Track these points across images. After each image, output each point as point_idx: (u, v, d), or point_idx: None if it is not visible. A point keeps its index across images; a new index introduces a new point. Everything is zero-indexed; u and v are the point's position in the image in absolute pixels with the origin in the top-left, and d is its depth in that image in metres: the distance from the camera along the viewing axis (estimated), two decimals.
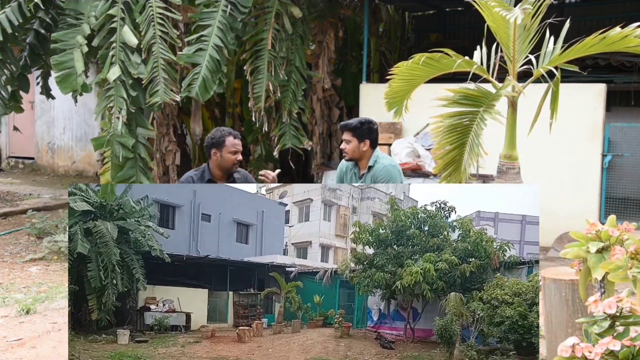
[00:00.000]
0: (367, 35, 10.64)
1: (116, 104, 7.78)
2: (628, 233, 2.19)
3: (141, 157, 8.23)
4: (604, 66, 9.12)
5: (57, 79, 7.99)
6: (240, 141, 4.36)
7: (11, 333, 5.40)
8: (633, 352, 1.78)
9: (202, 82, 7.96)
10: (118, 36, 7.86)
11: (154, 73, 7.84)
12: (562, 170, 8.62)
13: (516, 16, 4.12)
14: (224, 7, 8.20)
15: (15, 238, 9.24)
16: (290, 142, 9.71)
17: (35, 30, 8.86)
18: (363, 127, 4.42)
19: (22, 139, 15.17)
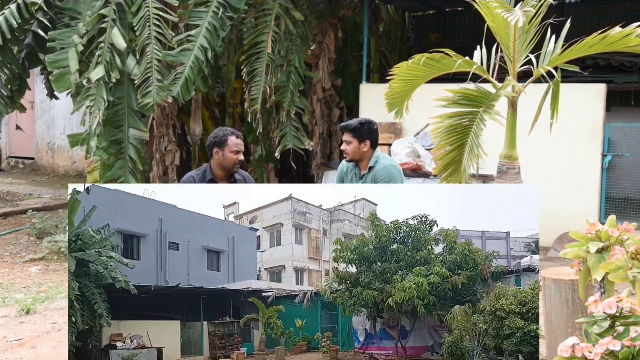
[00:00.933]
0: (367, 35, 10.64)
1: (95, 104, 7.76)
2: (628, 233, 2.19)
3: (131, 158, 8.22)
4: (604, 66, 9.11)
5: (52, 77, 8.00)
6: (243, 141, 4.36)
7: (11, 333, 5.40)
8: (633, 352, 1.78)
9: (185, 82, 7.92)
10: (107, 37, 7.84)
11: (147, 73, 7.83)
12: (562, 170, 8.62)
13: (517, 18, 4.12)
14: (215, 8, 8.16)
15: (15, 238, 9.24)
16: (291, 143, 9.71)
17: (34, 32, 8.87)
18: (363, 128, 4.41)
19: (22, 139, 15.17)
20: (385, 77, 5.26)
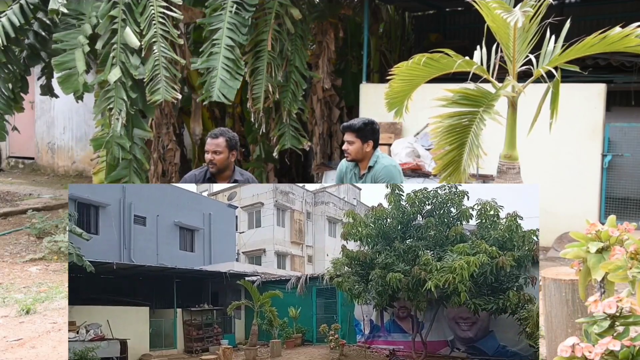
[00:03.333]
0: (367, 35, 10.64)
1: (116, 105, 7.79)
2: (628, 233, 2.19)
3: (136, 158, 8.24)
4: (604, 66, 9.11)
5: (58, 79, 8.00)
6: (220, 140, 4.37)
7: (11, 333, 5.40)
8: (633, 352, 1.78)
9: (222, 83, 7.98)
10: (119, 37, 7.88)
11: (155, 71, 7.85)
12: (562, 170, 8.62)
13: (516, 19, 4.12)
14: (230, 7, 8.24)
15: (15, 238, 9.24)
16: (289, 143, 9.72)
17: (35, 32, 8.87)
18: (367, 128, 4.41)
19: (22, 139, 15.17)
20: (385, 77, 5.26)
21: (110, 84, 7.80)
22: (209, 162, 4.37)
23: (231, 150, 4.41)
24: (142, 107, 8.21)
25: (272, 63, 9.02)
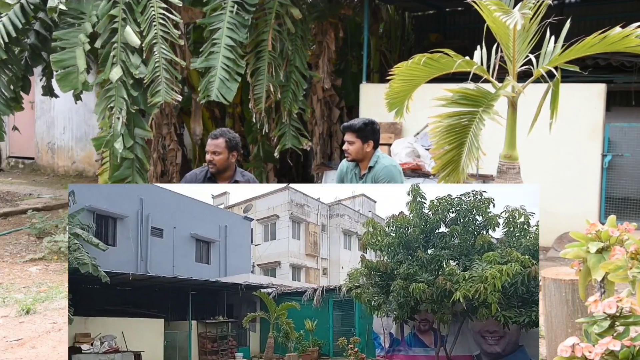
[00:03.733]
0: (367, 35, 10.64)
1: (117, 104, 7.80)
2: (628, 233, 2.19)
3: (138, 157, 8.24)
4: (604, 66, 9.11)
5: (57, 77, 8.01)
6: (220, 141, 4.36)
7: (11, 333, 5.40)
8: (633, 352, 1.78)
9: (221, 82, 7.98)
10: (119, 36, 7.88)
11: (155, 73, 7.85)
12: (562, 170, 8.62)
13: (515, 21, 4.12)
14: (230, 7, 8.24)
15: (15, 238, 9.24)
16: (290, 143, 9.72)
17: (36, 31, 8.87)
18: (367, 129, 4.40)
19: (22, 139, 15.17)
20: (385, 77, 5.26)
21: (110, 83, 7.81)
22: (209, 163, 4.37)
23: (231, 151, 4.38)
24: (143, 106, 8.22)
25: (273, 63, 9.03)
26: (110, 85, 7.85)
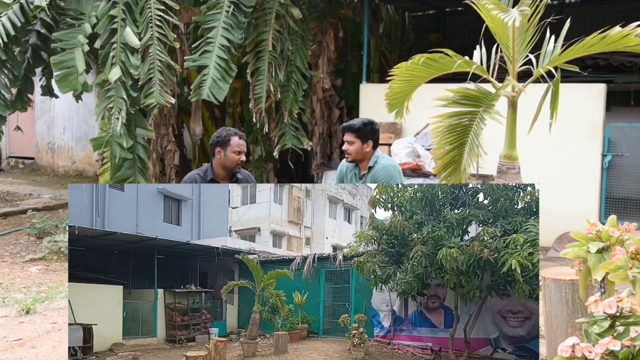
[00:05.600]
0: (367, 35, 10.64)
1: (116, 105, 7.79)
2: (628, 233, 2.19)
3: (140, 157, 8.24)
4: (604, 66, 9.11)
5: (56, 78, 8.01)
6: (245, 142, 4.37)
7: (11, 333, 5.40)
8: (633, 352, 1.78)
9: (213, 82, 7.97)
10: (119, 37, 7.88)
11: (150, 74, 7.86)
12: (562, 170, 8.62)
13: (514, 18, 4.12)
14: (227, 7, 8.24)
15: (15, 238, 9.24)
16: (290, 143, 9.71)
17: (37, 31, 8.87)
18: (366, 129, 4.40)
19: (22, 139, 15.18)
20: (385, 77, 5.26)
21: (110, 84, 7.81)
22: (241, 163, 4.30)
23: None
24: (143, 107, 8.22)
25: (273, 63, 9.03)
26: (110, 86, 7.85)
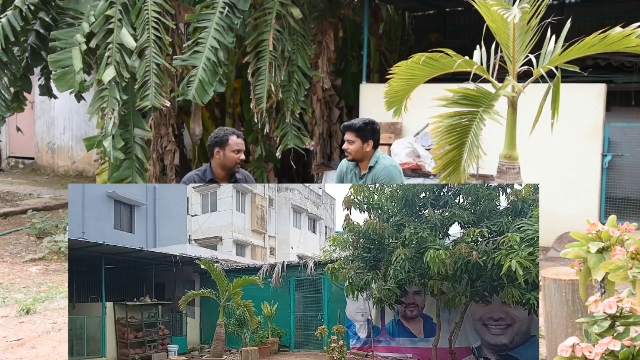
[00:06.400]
0: (367, 35, 10.64)
1: (109, 105, 7.78)
2: (628, 233, 2.19)
3: (137, 157, 8.23)
4: (604, 66, 9.11)
5: (54, 77, 8.02)
6: (244, 141, 4.37)
7: (11, 333, 5.40)
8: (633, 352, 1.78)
9: (199, 83, 7.96)
10: (115, 37, 7.88)
11: (145, 77, 7.86)
12: (562, 170, 8.62)
13: (514, 15, 4.13)
14: (221, 8, 8.22)
15: (15, 238, 9.24)
16: (292, 143, 9.71)
17: (37, 31, 8.88)
18: (367, 128, 4.42)
19: (22, 139, 15.18)
20: (385, 77, 5.26)
21: (104, 84, 7.80)
22: (240, 162, 4.30)
23: None
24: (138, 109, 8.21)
25: (274, 63, 9.02)
26: (104, 86, 7.84)
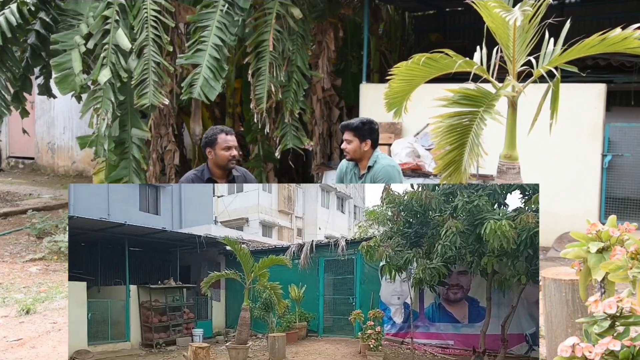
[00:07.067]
0: (367, 35, 10.64)
1: (103, 106, 7.78)
2: (628, 233, 2.19)
3: (135, 158, 8.23)
4: (604, 66, 9.11)
5: (56, 79, 8.02)
6: (235, 137, 4.37)
7: (11, 333, 5.40)
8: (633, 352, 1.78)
9: (205, 81, 7.97)
10: (111, 38, 7.87)
11: (144, 75, 7.86)
12: (562, 170, 8.62)
13: (515, 18, 4.12)
14: (221, 6, 8.24)
15: (15, 238, 9.24)
16: (291, 143, 9.72)
17: (37, 31, 8.88)
18: (365, 127, 4.43)
19: (22, 139, 15.17)
20: (385, 77, 5.26)
21: (99, 84, 7.80)
22: (232, 159, 4.29)
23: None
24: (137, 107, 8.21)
25: (274, 63, 9.03)
26: (99, 87, 7.84)
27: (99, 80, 7.68)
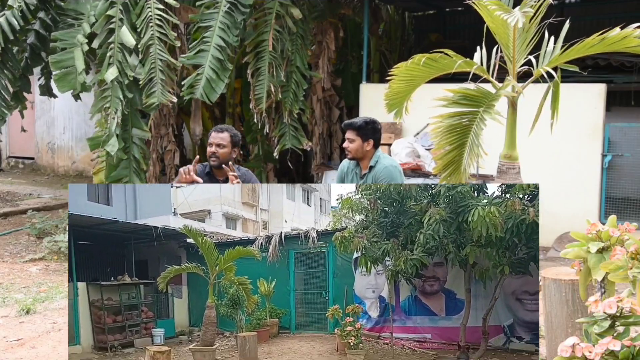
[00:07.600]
0: (367, 35, 10.64)
1: (112, 105, 7.78)
2: (628, 233, 2.19)
3: (135, 157, 8.23)
4: (604, 66, 9.11)
5: (55, 77, 8.02)
6: (226, 135, 4.44)
7: (11, 333, 5.40)
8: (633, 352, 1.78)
9: (207, 82, 7.98)
10: (116, 37, 7.89)
11: (151, 74, 7.86)
12: (562, 170, 8.62)
13: (516, 19, 4.12)
14: (224, 6, 8.24)
15: (15, 238, 9.24)
16: (290, 143, 9.72)
17: (36, 31, 8.88)
18: (368, 127, 4.43)
19: (22, 139, 15.18)
20: (385, 77, 5.26)
21: (107, 84, 7.80)
22: (212, 155, 4.40)
23: (234, 147, 4.49)
24: (141, 107, 8.22)
25: (274, 63, 9.03)
26: (107, 86, 7.84)
27: (106, 78, 7.69)
